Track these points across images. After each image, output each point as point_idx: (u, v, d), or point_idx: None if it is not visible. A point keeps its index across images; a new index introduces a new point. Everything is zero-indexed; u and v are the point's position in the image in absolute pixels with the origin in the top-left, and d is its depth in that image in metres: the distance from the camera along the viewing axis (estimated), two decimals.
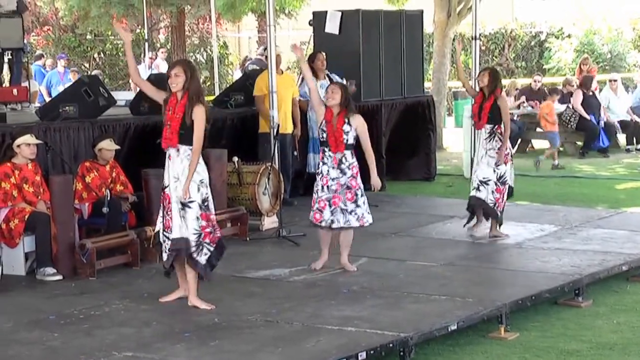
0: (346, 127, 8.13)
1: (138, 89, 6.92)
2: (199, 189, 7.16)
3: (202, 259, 7.19)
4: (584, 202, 12.17)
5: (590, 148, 17.07)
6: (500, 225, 9.74)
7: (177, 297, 7.43)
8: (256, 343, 6.37)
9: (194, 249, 7.17)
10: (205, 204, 7.21)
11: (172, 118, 7.15)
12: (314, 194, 8.33)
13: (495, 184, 9.60)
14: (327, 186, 8.21)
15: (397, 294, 7.59)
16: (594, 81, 18.40)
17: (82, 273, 8.34)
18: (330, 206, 8.20)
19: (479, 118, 9.69)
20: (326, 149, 8.21)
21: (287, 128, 11.34)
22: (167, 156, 7.24)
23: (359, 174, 8.26)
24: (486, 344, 6.84)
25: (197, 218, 7.16)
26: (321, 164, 8.28)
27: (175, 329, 6.73)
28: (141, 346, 6.36)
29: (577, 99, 17.19)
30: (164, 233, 7.27)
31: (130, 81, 23.15)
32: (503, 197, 9.66)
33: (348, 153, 8.19)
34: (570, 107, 17.27)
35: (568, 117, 17.15)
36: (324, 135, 8.19)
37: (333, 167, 8.21)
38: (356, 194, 8.23)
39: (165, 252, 7.30)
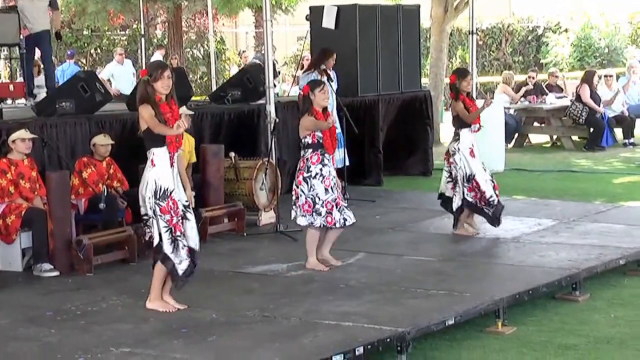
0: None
1: (135, 84, 6.86)
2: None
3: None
4: (581, 197, 12.16)
5: (596, 143, 17.06)
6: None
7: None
8: (254, 339, 6.36)
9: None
10: None
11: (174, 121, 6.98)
12: (309, 198, 8.05)
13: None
14: (331, 187, 8.12)
15: (394, 289, 7.58)
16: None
17: (79, 269, 8.34)
18: (336, 206, 8.12)
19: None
20: (323, 151, 8.08)
21: None
22: (168, 161, 7.04)
23: None
24: (484, 339, 6.83)
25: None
26: (320, 166, 8.06)
27: (172, 325, 6.72)
28: (138, 342, 6.35)
29: (586, 93, 17.11)
30: (181, 239, 6.96)
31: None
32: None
33: None
34: (575, 101, 17.24)
35: (579, 112, 17.12)
36: (321, 138, 8.05)
37: (332, 167, 8.20)
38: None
39: (186, 259, 6.99)
